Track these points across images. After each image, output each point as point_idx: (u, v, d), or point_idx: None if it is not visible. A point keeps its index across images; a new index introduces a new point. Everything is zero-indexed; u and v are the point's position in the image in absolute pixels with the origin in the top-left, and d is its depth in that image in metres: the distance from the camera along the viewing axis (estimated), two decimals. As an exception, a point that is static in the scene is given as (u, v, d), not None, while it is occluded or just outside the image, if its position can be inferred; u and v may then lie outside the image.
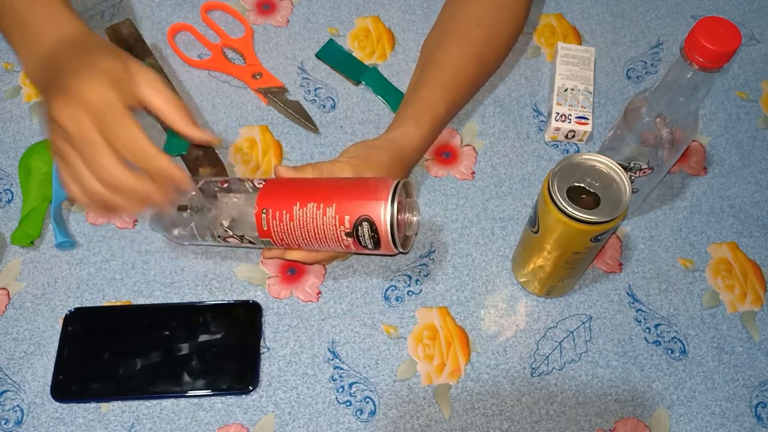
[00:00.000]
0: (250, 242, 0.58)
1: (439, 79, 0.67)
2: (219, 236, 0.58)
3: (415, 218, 0.57)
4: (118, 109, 0.47)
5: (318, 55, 0.76)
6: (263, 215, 0.55)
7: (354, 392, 0.59)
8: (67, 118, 0.47)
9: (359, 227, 0.54)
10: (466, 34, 0.69)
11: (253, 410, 0.58)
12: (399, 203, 0.54)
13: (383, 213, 0.53)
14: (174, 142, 0.66)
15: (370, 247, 0.55)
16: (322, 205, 0.54)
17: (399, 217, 0.54)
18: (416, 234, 0.61)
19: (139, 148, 0.48)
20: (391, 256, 0.63)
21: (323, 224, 0.54)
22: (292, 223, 0.55)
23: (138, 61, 0.52)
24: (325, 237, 0.55)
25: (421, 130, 0.65)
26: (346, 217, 0.54)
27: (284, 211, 0.55)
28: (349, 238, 0.55)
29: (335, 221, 0.54)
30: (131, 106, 0.49)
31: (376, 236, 0.54)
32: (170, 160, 0.49)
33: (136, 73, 0.50)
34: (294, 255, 0.59)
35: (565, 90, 0.72)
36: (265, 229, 0.56)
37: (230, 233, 0.57)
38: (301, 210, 0.54)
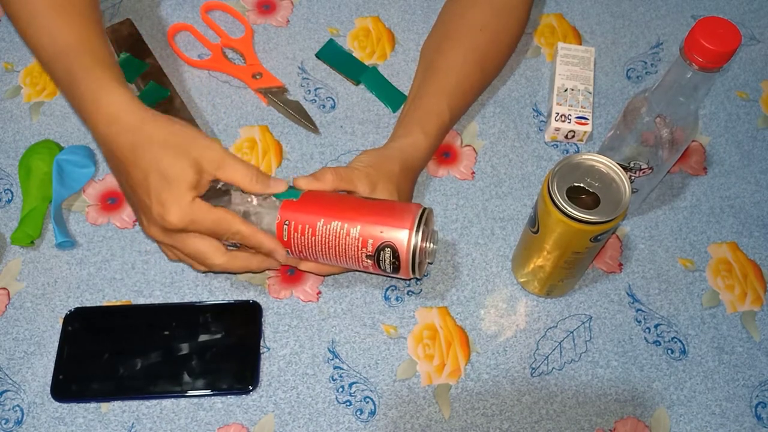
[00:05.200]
0: None
1: (444, 87, 0.67)
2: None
3: (434, 247, 0.57)
4: (199, 219, 0.53)
5: (318, 55, 0.76)
6: (285, 226, 0.55)
7: (354, 392, 0.59)
8: (163, 236, 0.55)
9: (381, 252, 0.54)
10: (469, 40, 0.69)
11: (253, 410, 0.58)
12: (422, 233, 0.54)
13: (407, 242, 0.54)
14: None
15: (388, 271, 0.56)
16: (346, 226, 0.54)
17: (421, 245, 0.54)
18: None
19: (230, 229, 0.54)
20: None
21: (345, 244, 0.55)
22: (314, 238, 0.55)
23: (202, 140, 0.54)
24: (346, 256, 0.55)
25: (428, 139, 0.65)
26: (370, 241, 0.54)
27: (307, 226, 0.55)
28: (369, 261, 0.55)
29: (358, 243, 0.54)
30: (206, 188, 0.54)
31: (396, 263, 0.55)
32: (258, 233, 0.55)
33: (204, 161, 0.53)
34: (308, 267, 0.60)
35: (565, 90, 0.72)
36: (285, 240, 0.56)
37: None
38: (324, 227, 0.55)
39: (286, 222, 0.55)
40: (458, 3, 0.72)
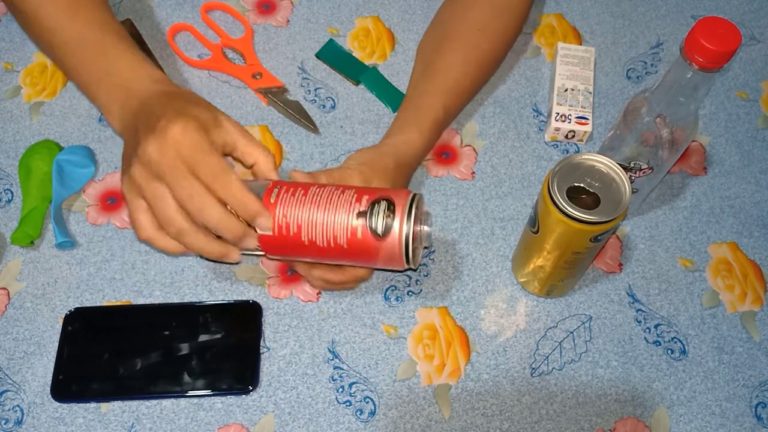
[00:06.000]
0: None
1: (441, 86, 0.67)
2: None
3: (428, 228, 0.56)
4: (205, 148, 0.51)
5: (318, 55, 0.76)
6: (275, 189, 0.54)
7: (354, 392, 0.59)
8: (156, 151, 0.50)
9: (376, 205, 0.52)
10: (468, 40, 0.69)
11: (253, 410, 0.58)
12: (415, 216, 0.53)
13: (408, 199, 0.53)
14: None
15: (380, 231, 0.52)
16: (341, 188, 0.54)
17: (415, 228, 0.53)
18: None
19: (225, 183, 0.51)
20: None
21: (337, 201, 0.52)
22: (304, 197, 0.53)
23: (225, 114, 0.55)
24: (334, 220, 0.52)
25: (423, 137, 0.65)
26: (365, 197, 0.53)
27: (299, 188, 0.54)
28: (359, 220, 0.52)
29: (352, 198, 0.52)
30: (218, 150, 0.53)
31: (391, 216, 0.52)
32: (256, 199, 0.51)
33: (224, 122, 0.54)
34: (304, 269, 0.59)
35: (565, 90, 0.72)
36: (272, 201, 0.53)
37: None
38: (318, 189, 0.54)
39: (278, 186, 0.54)
40: (457, 3, 0.72)
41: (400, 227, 0.52)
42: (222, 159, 0.51)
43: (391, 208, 0.52)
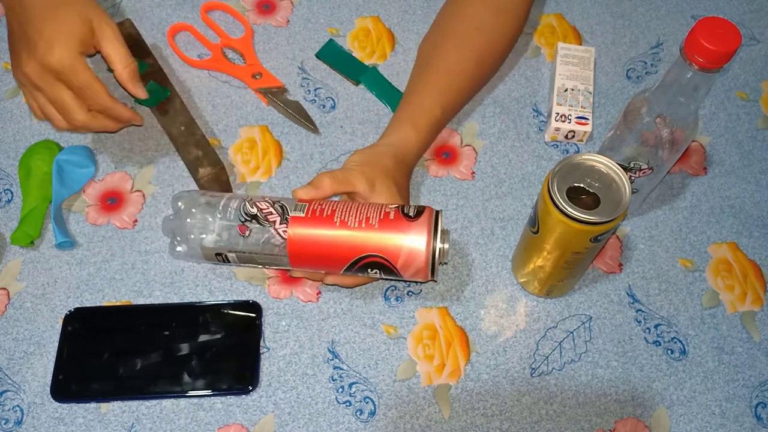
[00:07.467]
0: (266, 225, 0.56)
1: (437, 84, 0.67)
2: (234, 252, 0.57)
3: (447, 246, 0.56)
4: (77, 70, 0.59)
5: (318, 55, 0.76)
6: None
7: (354, 392, 0.59)
8: (37, 77, 0.59)
9: (407, 205, 0.57)
10: (465, 38, 0.69)
11: (253, 410, 0.58)
12: (441, 232, 0.55)
13: (433, 211, 0.56)
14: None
15: (411, 214, 0.55)
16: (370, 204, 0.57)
17: (440, 246, 0.55)
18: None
19: (96, 97, 0.61)
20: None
21: (369, 205, 0.57)
22: (337, 203, 0.56)
23: (100, 11, 0.61)
24: (367, 208, 0.56)
25: (419, 135, 0.65)
26: (394, 205, 0.57)
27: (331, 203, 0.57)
28: (392, 207, 0.56)
29: (383, 206, 0.56)
30: (90, 53, 0.62)
31: (422, 207, 0.56)
32: (119, 104, 0.63)
33: (97, 28, 0.61)
34: (331, 279, 0.59)
35: (565, 90, 0.72)
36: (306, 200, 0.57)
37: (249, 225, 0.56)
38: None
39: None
40: (456, 2, 0.72)
41: (430, 212, 0.56)
42: (91, 76, 0.60)
43: (420, 208, 0.56)
